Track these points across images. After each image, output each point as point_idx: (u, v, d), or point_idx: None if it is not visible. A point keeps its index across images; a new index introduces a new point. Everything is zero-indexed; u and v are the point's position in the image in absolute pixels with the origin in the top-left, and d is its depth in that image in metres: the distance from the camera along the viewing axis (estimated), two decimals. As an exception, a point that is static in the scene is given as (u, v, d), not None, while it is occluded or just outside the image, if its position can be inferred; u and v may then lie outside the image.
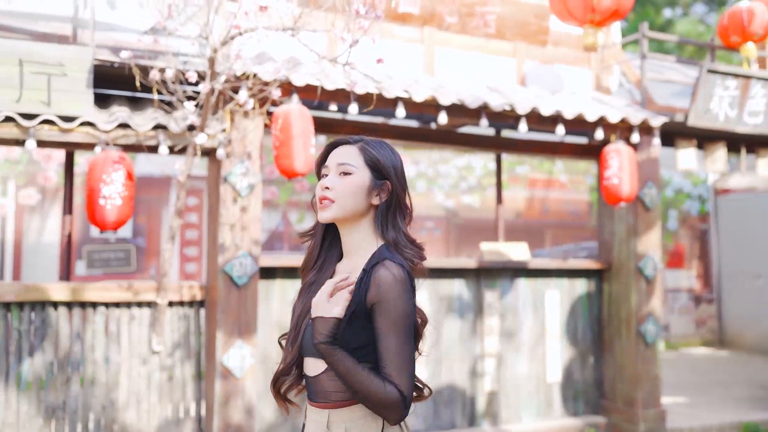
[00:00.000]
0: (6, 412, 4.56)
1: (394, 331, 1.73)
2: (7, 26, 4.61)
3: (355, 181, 1.80)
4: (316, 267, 1.90)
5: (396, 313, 1.72)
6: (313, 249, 1.92)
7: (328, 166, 1.85)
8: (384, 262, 1.75)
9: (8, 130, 4.30)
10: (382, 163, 1.83)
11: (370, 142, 1.87)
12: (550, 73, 6.39)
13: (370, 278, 1.74)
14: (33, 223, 8.49)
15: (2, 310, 4.59)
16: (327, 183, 1.81)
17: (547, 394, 6.15)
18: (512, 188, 10.77)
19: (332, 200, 1.80)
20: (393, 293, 1.72)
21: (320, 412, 1.79)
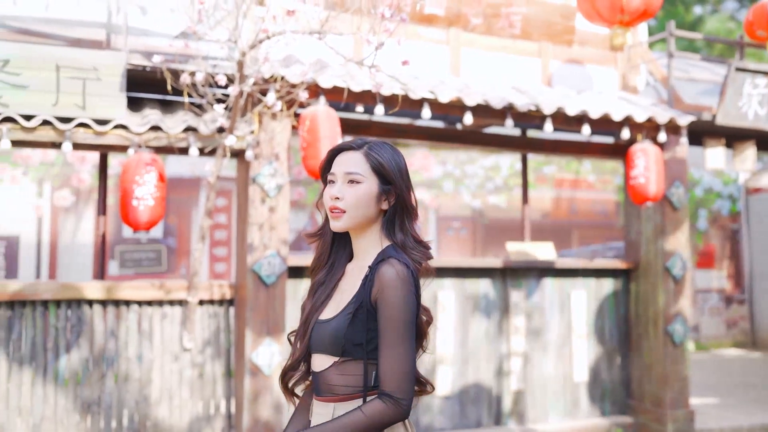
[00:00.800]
0: (44, 406, 4.70)
1: (395, 329, 1.76)
2: (44, 33, 4.75)
3: (363, 190, 1.84)
4: (326, 267, 1.94)
5: (396, 309, 1.76)
6: (323, 250, 1.95)
7: (335, 174, 1.87)
8: (389, 260, 1.79)
9: (46, 133, 4.44)
10: (387, 168, 1.86)
11: (374, 147, 1.89)
12: (576, 73, 6.39)
13: (374, 276, 1.79)
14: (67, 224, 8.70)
15: (40, 307, 4.73)
16: (336, 193, 1.84)
17: (573, 393, 6.15)
18: (539, 188, 10.75)
19: (343, 210, 1.83)
20: (394, 290, 1.76)
21: (326, 406, 1.84)
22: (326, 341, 1.83)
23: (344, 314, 1.81)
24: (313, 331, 1.88)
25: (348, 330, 1.78)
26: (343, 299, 1.86)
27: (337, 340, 1.80)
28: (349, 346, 1.79)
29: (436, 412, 5.65)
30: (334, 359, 1.82)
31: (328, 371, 1.83)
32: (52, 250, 8.59)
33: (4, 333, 4.66)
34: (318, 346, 1.86)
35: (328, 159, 1.91)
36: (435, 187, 10.11)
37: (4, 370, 4.65)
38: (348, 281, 1.91)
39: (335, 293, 1.92)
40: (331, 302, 1.91)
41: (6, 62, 4.29)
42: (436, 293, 5.68)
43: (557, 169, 10.81)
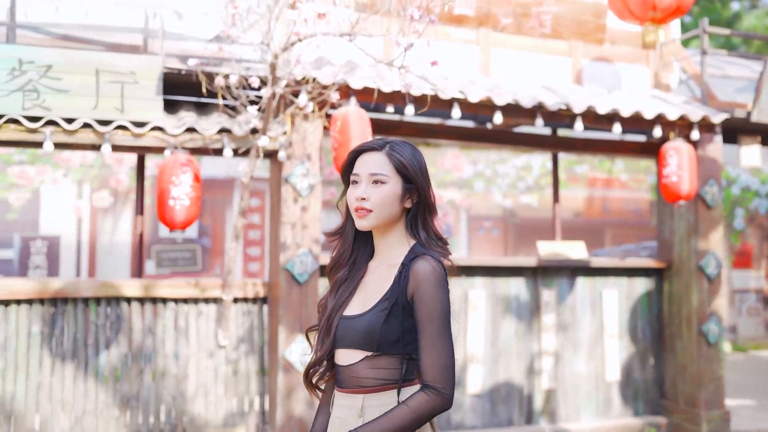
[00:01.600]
0: (85, 400, 4.85)
1: (433, 322, 1.83)
2: (84, 39, 4.90)
3: (388, 191, 1.88)
4: (348, 265, 1.98)
5: (435, 303, 1.83)
6: (345, 248, 1.99)
7: (359, 174, 1.91)
8: (423, 256, 1.86)
9: (86, 136, 4.58)
10: (409, 167, 1.90)
11: (395, 146, 1.93)
12: (606, 72, 6.36)
13: (409, 272, 1.84)
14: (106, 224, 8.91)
15: (81, 305, 4.88)
16: (362, 194, 1.88)
17: (606, 392, 6.13)
18: (571, 188, 10.70)
19: (369, 210, 1.88)
20: (432, 284, 1.83)
21: (354, 397, 1.88)
22: (357, 337, 1.87)
23: (378, 311, 1.85)
24: (338, 327, 1.92)
25: (384, 326, 1.83)
26: (372, 296, 1.90)
27: (371, 336, 1.84)
28: (384, 342, 1.83)
29: (467, 409, 5.68)
30: (365, 354, 1.86)
31: (357, 365, 1.87)
32: (92, 250, 8.82)
33: (48, 329, 4.82)
34: (346, 341, 1.90)
35: (350, 160, 1.95)
36: (466, 187, 10.12)
37: (47, 365, 4.80)
38: (373, 278, 1.95)
39: (359, 290, 1.96)
40: (356, 299, 1.95)
41: (49, 67, 4.44)
42: (467, 292, 5.72)
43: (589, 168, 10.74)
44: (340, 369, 1.93)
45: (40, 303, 4.81)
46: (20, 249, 8.61)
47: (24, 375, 4.76)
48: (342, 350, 1.91)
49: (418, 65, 4.34)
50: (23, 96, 4.41)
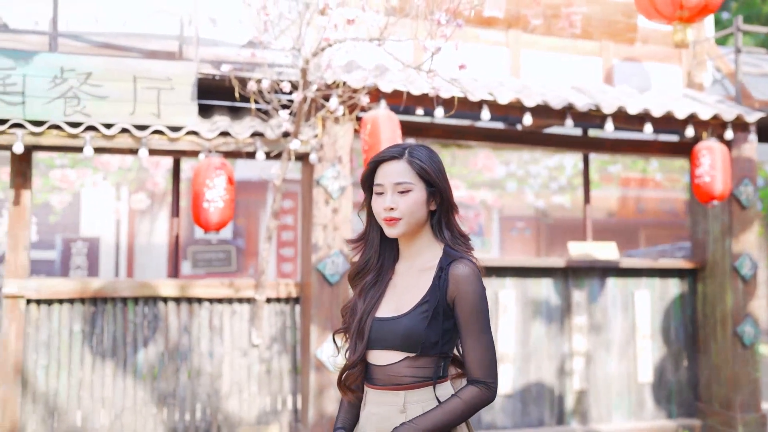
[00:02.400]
0: (124, 398, 5.00)
1: (476, 322, 1.92)
2: (122, 46, 5.05)
3: (415, 198, 1.94)
4: (375, 269, 2.04)
5: (477, 304, 1.92)
6: (371, 254, 2.05)
7: (383, 185, 1.96)
8: (460, 260, 1.94)
9: (124, 140, 4.72)
10: (431, 172, 1.96)
11: (414, 152, 1.98)
12: (638, 72, 6.33)
13: (448, 276, 1.92)
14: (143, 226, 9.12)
15: (120, 304, 5.03)
16: (390, 203, 1.94)
17: (638, 394, 6.10)
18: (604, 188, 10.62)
19: (398, 218, 1.94)
20: (473, 286, 1.92)
21: (395, 394, 1.94)
22: (397, 338, 1.93)
23: (418, 313, 1.92)
24: (372, 329, 1.97)
25: (428, 329, 1.90)
26: (407, 298, 1.97)
27: (415, 338, 1.90)
28: (427, 344, 1.90)
29: (497, 410, 5.71)
30: (406, 355, 1.92)
31: (397, 365, 1.94)
32: (130, 251, 9.03)
33: (88, 327, 4.97)
34: (383, 342, 1.95)
35: (370, 170, 2.00)
36: (498, 188, 10.12)
37: (88, 363, 4.96)
38: (405, 281, 2.01)
39: (388, 293, 2.01)
40: (387, 301, 2.00)
41: (89, 75, 4.59)
42: (498, 293, 5.74)
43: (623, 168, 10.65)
44: (374, 368, 1.98)
45: (81, 302, 4.97)
46: (62, 250, 8.87)
47: (66, 372, 4.92)
48: (378, 351, 1.97)
49: (447, 68, 4.38)
50: (65, 103, 4.56)
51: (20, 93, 4.51)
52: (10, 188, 4.84)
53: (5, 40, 5.03)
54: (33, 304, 4.88)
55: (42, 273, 8.53)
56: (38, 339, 4.89)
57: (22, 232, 4.85)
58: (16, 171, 4.84)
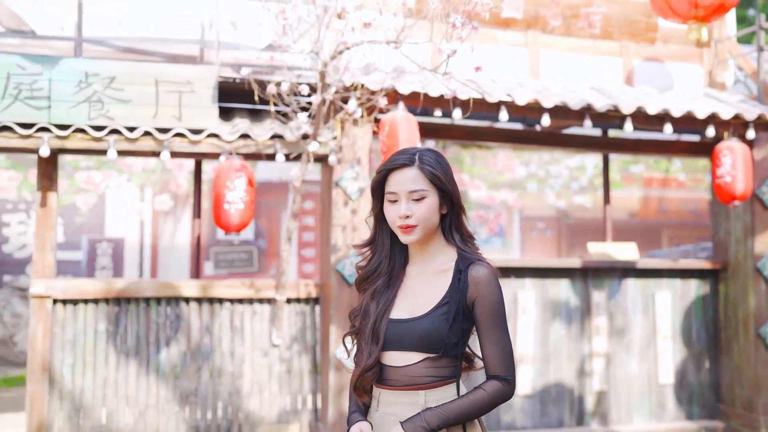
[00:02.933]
0: (148, 396, 5.08)
1: (496, 322, 1.98)
2: (145, 50, 5.14)
3: (429, 204, 1.98)
4: (387, 273, 2.06)
5: (497, 305, 1.98)
6: (381, 259, 2.08)
7: (397, 193, 1.99)
8: (477, 262, 2.00)
9: (146, 143, 4.81)
10: (442, 178, 2.00)
11: (423, 159, 2.00)
12: (659, 72, 6.30)
13: (467, 278, 1.97)
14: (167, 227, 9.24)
15: (143, 304, 5.12)
16: (406, 211, 1.97)
17: (659, 395, 6.07)
18: (626, 188, 10.55)
19: (414, 225, 1.97)
20: (492, 288, 1.98)
21: (414, 394, 1.97)
22: (417, 339, 1.96)
23: (438, 314, 1.96)
24: (387, 331, 2.00)
25: (449, 330, 1.95)
26: (424, 300, 2.00)
27: (436, 339, 1.94)
28: (449, 344, 1.95)
29: (517, 410, 5.71)
30: (426, 355, 1.96)
31: (416, 366, 1.97)
32: (153, 251, 9.16)
33: (112, 327, 5.07)
34: (400, 343, 1.98)
35: (382, 178, 2.02)
36: (518, 188, 10.10)
37: (112, 362, 5.06)
38: (417, 283, 2.04)
39: (400, 295, 2.04)
40: (401, 303, 2.03)
41: (112, 79, 4.69)
42: (517, 293, 5.75)
43: (645, 168, 10.57)
44: (389, 369, 2.01)
45: (105, 302, 5.06)
46: (87, 251, 9.02)
47: (91, 370, 5.02)
48: (395, 352, 2.00)
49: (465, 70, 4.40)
50: (89, 106, 4.66)
51: (46, 97, 4.61)
52: (37, 190, 4.95)
53: (33, 46, 5.14)
54: (59, 304, 4.99)
55: (68, 273, 8.69)
56: (64, 338, 5.00)
57: (48, 233, 4.96)
58: (42, 174, 4.94)
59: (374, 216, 2.08)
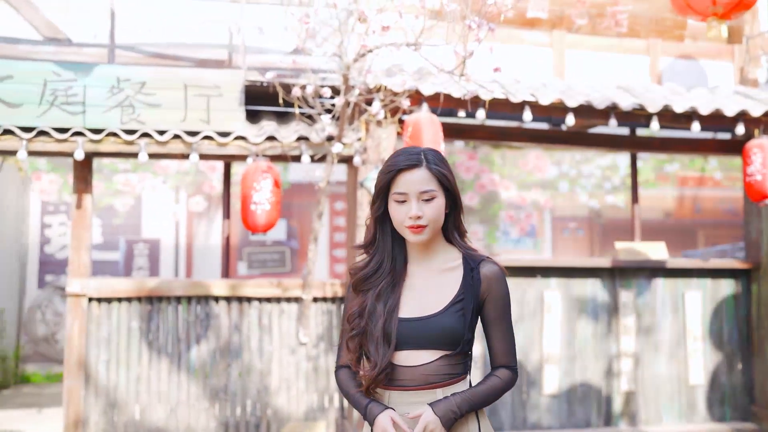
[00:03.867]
0: (179, 392, 5.22)
1: (505, 316, 2.07)
2: (174, 56, 5.29)
3: (438, 205, 2.01)
4: (390, 273, 2.05)
5: (507, 301, 2.07)
6: (383, 258, 2.07)
7: (406, 194, 1.98)
8: (487, 260, 2.06)
9: (176, 146, 4.95)
10: (449, 178, 2.03)
11: (430, 159, 2.02)
12: (688, 69, 6.24)
13: (479, 275, 2.03)
14: (201, 227, 9.44)
15: (174, 303, 5.26)
16: (417, 212, 1.97)
17: (689, 396, 6.00)
18: (661, 187, 10.42)
19: (425, 225, 1.99)
20: (503, 285, 2.06)
21: (430, 393, 1.98)
22: (433, 337, 1.98)
23: (454, 311, 1.99)
24: (401, 330, 1.99)
25: (466, 327, 2.00)
26: (433, 298, 2.02)
27: (454, 336, 1.98)
28: (465, 340, 2.00)
29: (543, 410, 5.71)
30: (444, 353, 1.99)
31: (433, 364, 1.99)
32: (188, 252, 9.36)
33: (145, 325, 5.22)
34: (413, 342, 1.99)
35: (390, 178, 2.01)
36: (550, 188, 10.05)
37: (145, 358, 5.21)
38: (423, 282, 2.05)
39: (406, 294, 2.04)
40: (407, 302, 2.03)
41: (143, 84, 4.83)
42: (542, 293, 5.75)
43: (680, 167, 10.43)
44: (401, 370, 2.00)
45: (138, 301, 5.22)
46: (125, 251, 9.26)
47: (125, 367, 5.18)
48: (408, 351, 1.99)
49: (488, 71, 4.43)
50: (121, 111, 4.82)
51: (81, 103, 4.78)
52: (73, 193, 5.13)
53: (68, 53, 5.33)
54: (94, 302, 5.16)
55: (107, 273, 8.93)
56: (99, 335, 5.16)
57: (84, 233, 5.13)
58: (78, 176, 5.12)
59: (375, 217, 2.06)
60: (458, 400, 1.95)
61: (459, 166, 9.66)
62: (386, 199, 2.04)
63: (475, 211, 9.79)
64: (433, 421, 1.93)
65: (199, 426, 5.21)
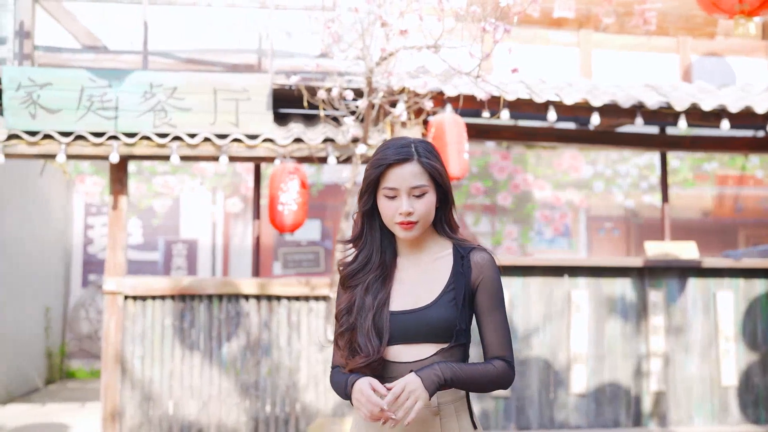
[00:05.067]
0: (211, 387, 5.38)
1: (499, 306, 1.97)
2: (205, 61, 5.45)
3: (430, 200, 1.94)
4: (379, 266, 1.99)
5: (499, 289, 1.97)
6: (371, 252, 2.00)
7: (397, 189, 1.91)
8: (477, 247, 1.98)
9: (206, 148, 5.11)
10: (441, 173, 1.95)
11: (421, 153, 1.94)
12: (720, 66, 6.16)
13: (470, 263, 1.95)
14: (237, 228, 9.64)
15: (206, 301, 5.42)
16: (408, 208, 1.90)
17: (722, 397, 5.93)
18: (699, 186, 10.25)
19: (416, 221, 1.92)
20: (495, 273, 1.97)
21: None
22: (427, 329, 1.90)
23: (446, 301, 1.92)
24: (392, 324, 1.92)
25: (459, 317, 1.91)
26: (424, 289, 1.95)
27: (448, 327, 1.90)
28: (460, 331, 1.91)
29: (570, 409, 5.71)
30: (440, 346, 1.90)
31: (429, 360, 1.89)
32: (225, 252, 9.58)
33: (178, 322, 5.39)
34: (406, 336, 1.91)
35: (380, 173, 1.93)
36: (585, 188, 9.98)
37: (178, 354, 5.38)
38: (412, 274, 1.99)
39: (396, 287, 1.98)
40: (398, 295, 1.96)
41: (174, 89, 5.00)
42: (570, 292, 5.75)
43: (719, 166, 10.25)
44: (396, 366, 1.92)
45: (171, 299, 5.39)
46: (164, 251, 9.52)
47: (159, 362, 5.36)
48: (401, 346, 1.92)
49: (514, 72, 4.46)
50: (153, 115, 4.99)
51: (115, 108, 4.97)
52: (109, 194, 5.33)
53: (106, 60, 5.54)
54: (130, 300, 5.35)
55: (147, 273, 9.20)
56: (134, 332, 5.35)
57: (120, 233, 5.33)
58: (113, 178, 5.32)
59: (363, 211, 1.99)
60: (442, 366, 1.84)
61: (492, 166, 9.67)
62: (375, 193, 1.96)
63: (508, 211, 9.79)
64: (413, 381, 1.80)
65: (230, 420, 5.36)
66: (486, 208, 9.82)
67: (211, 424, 5.35)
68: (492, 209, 9.81)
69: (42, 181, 8.23)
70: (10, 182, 7.54)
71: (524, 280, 5.71)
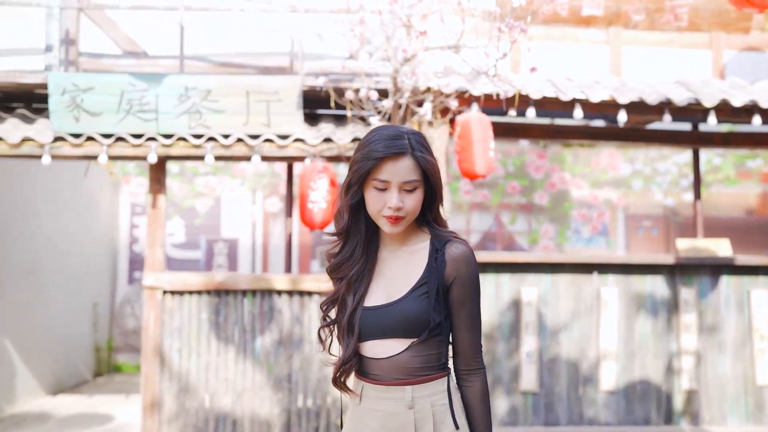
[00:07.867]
0: (244, 380, 5.56)
1: (473, 302, 1.91)
2: (239, 64, 5.64)
3: (420, 195, 1.89)
4: (361, 259, 1.95)
5: (475, 285, 1.91)
6: (355, 245, 1.96)
7: (389, 182, 1.86)
8: (454, 240, 1.91)
9: (239, 149, 5.29)
10: (434, 168, 1.91)
11: (415, 146, 1.89)
12: (755, 62, 6.09)
13: (445, 256, 1.88)
14: (276, 227, 9.86)
15: (240, 296, 5.60)
16: (397, 203, 1.85)
17: (757, 397, 5.85)
18: (743, 184, 10.06)
19: (403, 217, 1.87)
20: (471, 266, 1.90)
21: (400, 389, 1.87)
22: (399, 324, 1.87)
23: (417, 295, 1.87)
24: (366, 319, 1.90)
25: (432, 310, 1.86)
26: (401, 282, 1.91)
27: (419, 321, 1.86)
28: (432, 325, 1.86)
29: (600, 406, 5.72)
30: (411, 341, 1.87)
31: (401, 355, 1.87)
32: (264, 250, 9.80)
33: (214, 316, 5.59)
34: (379, 332, 1.89)
35: (372, 165, 1.86)
36: (623, 186, 9.90)
37: (214, 347, 5.57)
38: (391, 268, 1.96)
39: (375, 280, 1.96)
40: (376, 289, 1.94)
41: (208, 92, 5.20)
42: (599, 290, 5.75)
43: (764, 163, 10.04)
44: (371, 362, 1.91)
45: (207, 294, 5.59)
46: (205, 250, 9.80)
47: (196, 355, 5.56)
48: (377, 341, 1.90)
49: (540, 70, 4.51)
50: (189, 117, 5.19)
51: (153, 110, 5.19)
52: (148, 193, 5.56)
53: (145, 65, 5.78)
54: (168, 295, 5.56)
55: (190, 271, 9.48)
56: (172, 325, 5.56)
57: (158, 231, 5.55)
58: (152, 178, 5.54)
59: (347, 201, 1.92)
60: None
61: (529, 165, 9.68)
62: (363, 184, 1.89)
63: (545, 210, 9.78)
64: None
65: (263, 412, 5.53)
66: (522, 207, 9.83)
67: (245, 416, 5.53)
68: (528, 208, 9.82)
69: (90, 182, 8.57)
70: (61, 183, 7.89)
71: (553, 277, 5.74)
